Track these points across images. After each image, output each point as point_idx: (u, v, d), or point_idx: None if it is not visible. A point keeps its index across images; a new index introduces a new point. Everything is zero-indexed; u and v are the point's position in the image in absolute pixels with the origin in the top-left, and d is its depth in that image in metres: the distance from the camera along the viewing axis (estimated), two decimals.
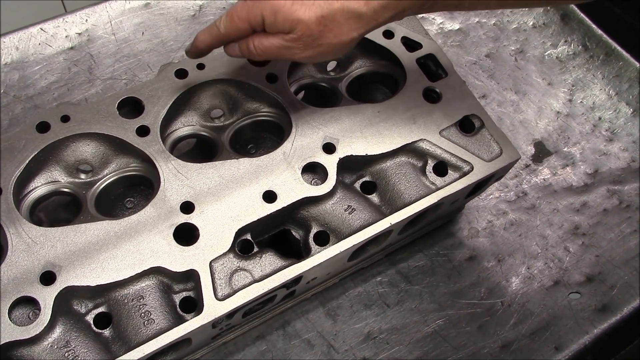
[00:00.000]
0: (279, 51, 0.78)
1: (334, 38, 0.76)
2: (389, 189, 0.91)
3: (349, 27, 0.75)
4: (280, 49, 0.78)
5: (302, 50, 0.77)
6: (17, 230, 0.77)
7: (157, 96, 0.89)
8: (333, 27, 0.75)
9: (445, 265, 1.06)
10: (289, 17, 0.74)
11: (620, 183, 1.19)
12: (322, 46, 0.77)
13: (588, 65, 1.35)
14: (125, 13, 1.26)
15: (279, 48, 0.78)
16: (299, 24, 0.74)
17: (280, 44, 0.77)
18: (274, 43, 0.77)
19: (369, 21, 0.76)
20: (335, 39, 0.76)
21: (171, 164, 0.84)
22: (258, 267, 0.81)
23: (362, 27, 0.76)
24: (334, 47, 0.77)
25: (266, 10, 0.75)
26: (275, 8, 0.75)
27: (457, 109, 0.95)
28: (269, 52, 0.79)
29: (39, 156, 0.84)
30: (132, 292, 0.78)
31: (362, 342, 0.97)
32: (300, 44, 0.76)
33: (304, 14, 0.74)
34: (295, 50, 0.77)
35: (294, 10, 0.74)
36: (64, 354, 0.74)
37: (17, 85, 1.16)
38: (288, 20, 0.74)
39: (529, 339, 0.99)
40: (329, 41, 0.76)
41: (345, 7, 0.74)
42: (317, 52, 0.77)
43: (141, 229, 0.79)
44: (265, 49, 0.79)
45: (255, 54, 0.80)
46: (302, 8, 0.74)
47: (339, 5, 0.74)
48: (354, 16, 0.75)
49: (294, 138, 0.88)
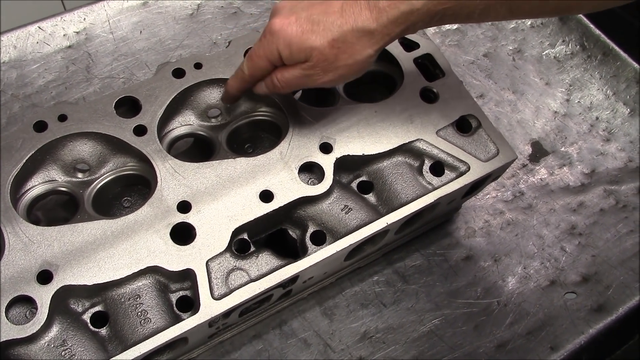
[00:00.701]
0: (300, 80, 0.81)
1: (349, 58, 0.78)
2: (385, 188, 0.91)
3: (362, 45, 0.77)
4: (302, 78, 0.81)
5: (321, 75, 0.79)
6: (14, 229, 0.77)
7: (154, 95, 0.89)
8: (346, 48, 0.77)
9: (441, 265, 1.06)
10: (302, 46, 0.77)
11: (617, 183, 1.19)
12: (339, 68, 0.79)
13: (586, 65, 1.35)
14: (123, 12, 1.26)
15: (300, 78, 0.80)
16: (313, 50, 0.77)
17: (300, 74, 0.80)
18: (295, 74, 0.80)
19: (382, 37, 0.77)
20: (351, 59, 0.78)
21: (168, 164, 0.84)
22: (254, 266, 0.82)
23: (375, 44, 0.78)
24: (351, 67, 0.79)
25: (280, 45, 0.78)
26: (288, 40, 0.77)
27: (454, 108, 0.95)
28: (292, 83, 0.82)
29: (36, 155, 0.84)
30: (129, 291, 0.79)
31: (359, 342, 0.97)
32: (318, 70, 0.79)
33: (315, 40, 0.76)
34: (316, 77, 0.80)
35: (306, 39, 0.76)
36: (60, 353, 0.75)
37: (15, 83, 1.16)
38: (302, 50, 0.77)
39: (524, 338, 0.99)
40: (345, 62, 0.78)
41: (355, 27, 0.76)
42: (337, 74, 0.80)
43: (138, 228, 0.79)
44: (288, 81, 0.82)
45: (280, 87, 0.83)
46: (313, 35, 0.76)
47: (348, 27, 0.76)
48: (365, 34, 0.76)
49: (290, 138, 0.88)
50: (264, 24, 1.14)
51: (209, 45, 1.25)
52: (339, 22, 0.76)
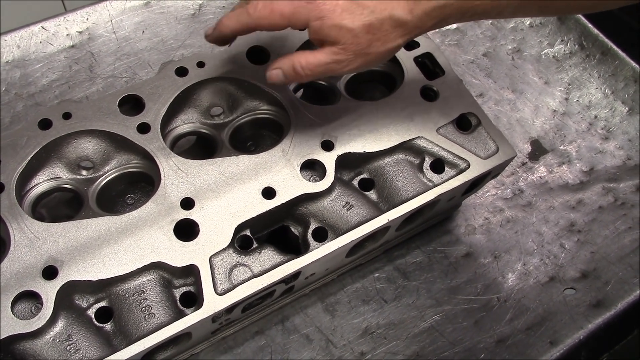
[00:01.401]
0: (328, 67, 0.76)
1: (382, 46, 0.76)
2: (386, 185, 0.92)
3: (395, 34, 0.76)
4: (330, 64, 0.76)
5: (351, 61, 0.76)
6: (20, 225, 0.78)
7: (157, 94, 0.90)
8: (380, 35, 0.75)
9: (442, 262, 1.07)
10: (337, 23, 0.73)
11: (616, 181, 1.20)
12: (370, 55, 0.77)
13: (584, 64, 1.36)
14: (126, 12, 1.27)
15: (328, 64, 0.76)
16: (347, 32, 0.74)
17: (330, 59, 0.76)
18: (323, 59, 0.76)
19: (414, 28, 0.77)
20: (382, 47, 0.77)
21: (171, 161, 0.85)
22: (257, 262, 0.82)
23: (407, 35, 0.77)
24: (381, 55, 0.78)
25: (313, 14, 0.74)
26: (323, 14, 0.74)
27: (454, 107, 0.96)
28: (317, 70, 0.77)
29: (40, 153, 0.84)
30: (133, 286, 0.79)
31: (360, 337, 0.98)
32: (349, 55, 0.75)
33: (351, 22, 0.74)
34: (345, 63, 0.76)
35: (342, 18, 0.74)
36: (65, 348, 0.75)
37: (18, 83, 1.16)
38: (335, 27, 0.73)
39: (524, 334, 1.00)
40: (377, 49, 0.76)
41: (392, 16, 0.75)
42: (366, 60, 0.77)
43: (142, 225, 0.80)
44: (314, 67, 0.76)
45: (303, 75, 0.77)
46: (350, 16, 0.74)
47: (385, 14, 0.74)
48: (400, 24, 0.76)
49: (292, 135, 0.89)
50: None
51: (211, 45, 1.25)
52: (377, 8, 0.74)
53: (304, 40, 0.96)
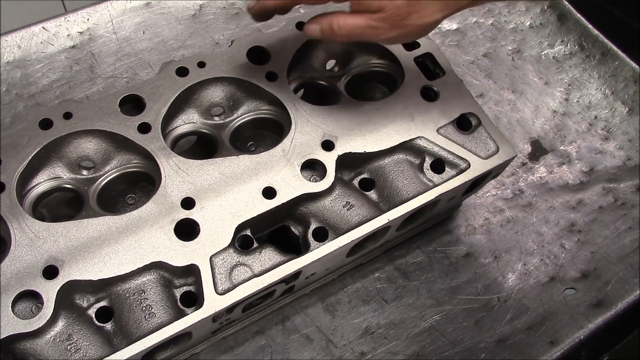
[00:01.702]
0: (364, 31, 0.78)
1: (420, 19, 0.77)
2: (387, 185, 0.92)
3: (433, 9, 0.77)
4: (366, 29, 0.77)
5: (387, 30, 0.77)
6: (20, 225, 0.78)
7: (158, 94, 0.90)
8: (420, 8, 0.76)
9: (442, 262, 1.07)
10: None
11: (616, 181, 1.20)
12: (407, 27, 0.77)
13: (584, 64, 1.36)
14: (126, 12, 1.27)
15: (364, 28, 0.77)
16: (389, 2, 0.75)
17: (366, 24, 0.77)
18: (360, 23, 0.77)
19: (452, 5, 0.78)
20: (420, 20, 0.77)
21: (172, 161, 0.85)
22: (258, 262, 0.82)
23: (446, 10, 0.78)
24: (418, 28, 0.78)
25: None
26: None
27: (454, 107, 0.96)
28: (353, 32, 0.78)
29: (41, 152, 0.85)
30: (134, 286, 0.79)
31: (361, 337, 0.98)
32: (387, 24, 0.77)
33: None
34: (380, 31, 0.77)
35: None
36: (66, 347, 0.75)
37: (19, 83, 1.17)
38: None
39: (524, 333, 1.00)
40: (414, 22, 0.77)
41: None
42: (402, 32, 0.78)
43: (142, 225, 0.80)
44: (350, 29, 0.78)
45: (339, 34, 0.79)
46: None
47: None
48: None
49: (293, 135, 0.89)
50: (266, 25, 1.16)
51: (211, 45, 1.26)
52: None
53: (304, 41, 0.97)
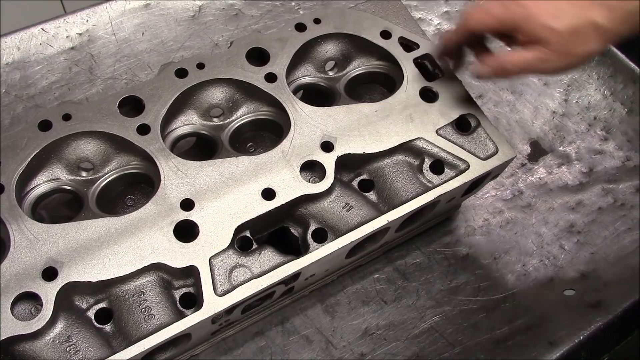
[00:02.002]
0: (534, 64, 0.83)
1: (582, 50, 0.81)
2: (386, 186, 0.92)
3: (594, 39, 0.80)
4: (536, 62, 0.82)
5: (557, 61, 0.81)
6: (20, 226, 0.78)
7: (157, 95, 0.90)
8: (582, 39, 0.80)
9: (442, 263, 1.07)
10: (544, 24, 0.79)
11: (615, 182, 1.20)
12: (572, 56, 0.81)
13: (583, 65, 1.36)
14: (126, 14, 1.27)
15: (534, 61, 0.82)
16: (552, 33, 0.79)
17: (537, 57, 0.81)
18: (529, 57, 0.82)
19: (611, 35, 0.80)
20: (582, 51, 0.81)
21: (171, 162, 0.85)
22: (257, 263, 0.82)
23: (604, 40, 0.81)
24: (581, 58, 0.82)
25: (519, 15, 0.81)
26: (529, 15, 0.80)
27: (453, 108, 0.96)
28: (527, 67, 0.83)
29: (40, 154, 0.84)
30: (133, 287, 0.79)
31: (360, 338, 0.98)
32: (555, 55, 0.81)
33: (556, 23, 0.79)
34: (550, 62, 0.82)
35: (547, 20, 0.79)
36: (65, 349, 0.75)
37: (18, 84, 1.17)
38: (543, 28, 0.79)
39: (524, 335, 1.00)
40: (577, 52, 0.81)
41: (592, 20, 0.79)
42: (568, 62, 0.82)
43: (142, 226, 0.80)
44: (523, 65, 0.83)
45: (512, 70, 0.85)
46: (554, 19, 0.79)
47: (587, 20, 0.79)
48: (598, 30, 0.79)
49: (292, 136, 0.89)
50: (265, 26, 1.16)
51: (211, 46, 1.26)
52: (579, 13, 0.79)
53: (304, 41, 0.97)
